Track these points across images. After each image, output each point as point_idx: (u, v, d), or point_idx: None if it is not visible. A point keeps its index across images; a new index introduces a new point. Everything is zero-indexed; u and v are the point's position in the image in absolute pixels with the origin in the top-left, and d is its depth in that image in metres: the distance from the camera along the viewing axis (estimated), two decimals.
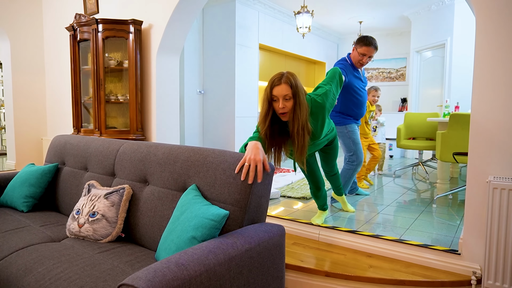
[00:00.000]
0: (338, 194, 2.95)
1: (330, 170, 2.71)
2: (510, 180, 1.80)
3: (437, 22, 6.00)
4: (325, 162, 2.66)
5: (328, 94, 2.11)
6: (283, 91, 1.82)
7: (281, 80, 1.83)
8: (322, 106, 2.06)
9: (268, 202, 1.53)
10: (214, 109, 5.92)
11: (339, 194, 2.95)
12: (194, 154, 1.61)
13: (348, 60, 3.06)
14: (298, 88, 1.86)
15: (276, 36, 6.57)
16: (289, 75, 1.86)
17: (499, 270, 1.83)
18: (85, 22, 3.71)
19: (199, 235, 1.26)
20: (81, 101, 3.98)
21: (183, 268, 0.99)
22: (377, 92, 4.23)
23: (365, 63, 3.02)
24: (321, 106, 2.05)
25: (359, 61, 3.00)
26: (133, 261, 1.45)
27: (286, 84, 1.82)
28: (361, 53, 2.96)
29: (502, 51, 1.84)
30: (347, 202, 3.02)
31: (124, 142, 2.08)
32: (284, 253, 1.42)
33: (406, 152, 6.72)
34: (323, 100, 2.07)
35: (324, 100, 2.07)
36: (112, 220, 1.71)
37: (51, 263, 1.41)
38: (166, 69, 3.74)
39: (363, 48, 2.95)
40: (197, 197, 1.42)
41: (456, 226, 2.61)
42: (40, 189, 2.35)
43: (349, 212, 2.98)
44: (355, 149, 3.06)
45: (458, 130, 3.14)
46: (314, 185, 2.60)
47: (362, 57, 2.97)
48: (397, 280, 1.98)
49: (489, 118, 1.90)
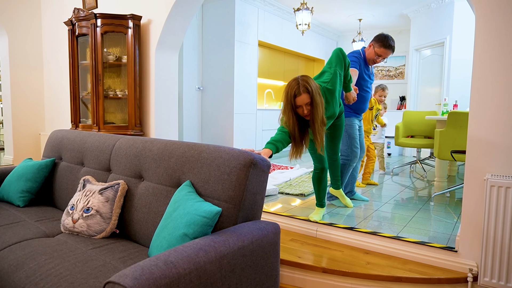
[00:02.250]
0: (336, 187, 2.95)
1: (334, 153, 2.76)
2: (507, 178, 1.80)
3: (436, 21, 5.98)
4: (330, 141, 2.71)
5: (334, 78, 2.31)
6: (305, 100, 2.07)
7: (300, 90, 2.06)
8: (333, 91, 2.29)
9: (264, 199, 1.51)
10: (213, 106, 5.91)
11: (336, 187, 2.95)
12: (189, 150, 1.59)
13: (362, 54, 3.02)
14: (314, 92, 2.08)
15: (275, 33, 6.54)
16: (305, 83, 2.07)
17: (495, 268, 1.83)
18: (84, 16, 3.69)
19: (191, 232, 1.25)
20: (79, 96, 3.96)
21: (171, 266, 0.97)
22: (384, 91, 4.17)
23: (378, 62, 3.00)
24: (332, 91, 2.29)
25: (373, 59, 2.97)
26: (125, 258, 1.44)
27: (306, 93, 2.06)
28: (378, 54, 2.92)
29: (502, 50, 1.83)
30: (345, 196, 3.02)
31: (120, 137, 2.07)
32: (278, 251, 1.41)
33: (404, 150, 6.72)
34: (333, 85, 2.30)
35: (333, 85, 2.30)
36: (106, 216, 1.70)
37: (43, 259, 1.40)
38: (165, 65, 3.72)
39: (381, 49, 2.90)
40: (191, 194, 1.41)
41: (453, 223, 2.61)
42: (36, 184, 2.34)
43: (347, 208, 2.98)
44: (349, 144, 3.02)
45: (456, 128, 3.13)
46: (320, 164, 2.63)
47: (377, 58, 2.95)
48: (394, 277, 1.98)
49: (488, 117, 1.89)
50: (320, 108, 2.10)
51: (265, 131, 6.40)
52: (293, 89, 2.07)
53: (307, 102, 2.07)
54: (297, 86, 2.06)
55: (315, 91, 2.09)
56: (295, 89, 2.06)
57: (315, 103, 2.08)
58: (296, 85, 2.07)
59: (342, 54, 2.38)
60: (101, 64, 3.61)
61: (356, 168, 3.27)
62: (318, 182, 2.71)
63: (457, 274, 1.98)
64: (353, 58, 2.97)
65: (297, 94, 2.06)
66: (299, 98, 2.06)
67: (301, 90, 2.05)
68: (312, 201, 3.24)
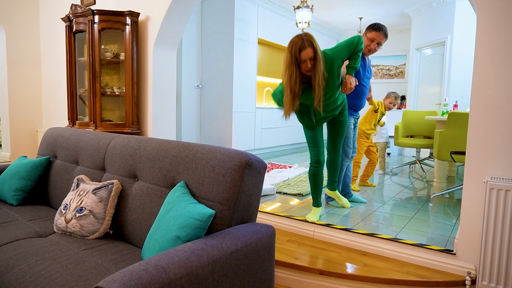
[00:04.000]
0: (332, 188, 2.93)
1: (335, 151, 2.74)
2: (507, 180, 1.77)
3: (437, 20, 5.94)
4: (332, 138, 2.72)
5: (337, 48, 2.39)
6: (309, 54, 2.20)
7: (306, 45, 2.19)
8: (331, 57, 2.35)
9: (259, 201, 1.48)
10: (212, 104, 5.88)
11: (332, 188, 2.93)
12: (183, 150, 1.56)
13: None
14: (317, 47, 2.23)
15: (275, 31, 6.50)
16: (309, 38, 2.22)
17: (494, 271, 1.81)
18: (81, 13, 3.65)
19: (184, 235, 1.22)
20: (76, 93, 3.93)
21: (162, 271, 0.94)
22: (396, 100, 4.02)
23: (373, 49, 2.96)
24: (330, 57, 2.35)
25: (367, 46, 2.95)
26: (118, 260, 1.41)
27: (310, 47, 2.19)
28: (370, 38, 2.93)
29: (504, 50, 1.80)
30: (341, 196, 2.99)
31: (115, 136, 2.04)
32: (273, 255, 1.38)
33: (404, 150, 6.69)
34: (332, 53, 2.36)
35: (333, 53, 2.36)
36: (100, 216, 1.67)
37: (34, 260, 1.37)
38: (163, 62, 3.69)
39: (372, 33, 2.93)
40: (184, 195, 1.38)
41: (452, 225, 2.59)
42: (30, 182, 2.31)
43: (345, 208, 2.95)
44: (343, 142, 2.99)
45: (456, 129, 3.11)
46: (316, 155, 2.63)
47: (370, 43, 2.93)
48: (391, 280, 1.96)
49: (488, 118, 1.86)
50: (321, 63, 2.24)
51: (264, 130, 6.37)
52: (297, 45, 2.20)
53: (311, 57, 2.20)
54: (302, 41, 2.19)
55: (318, 47, 2.23)
56: (299, 44, 2.20)
57: (318, 57, 2.21)
58: (300, 41, 2.20)
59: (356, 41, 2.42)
60: (98, 61, 3.57)
61: (349, 167, 3.23)
62: (314, 178, 2.69)
63: (455, 277, 1.96)
64: None
65: (302, 48, 2.19)
66: (304, 52, 2.19)
67: (306, 44, 2.19)
68: (310, 201, 3.22)
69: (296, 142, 7.37)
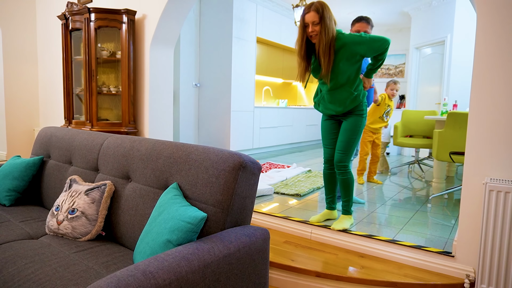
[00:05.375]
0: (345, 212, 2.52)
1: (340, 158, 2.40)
2: (507, 182, 1.74)
3: (437, 19, 5.91)
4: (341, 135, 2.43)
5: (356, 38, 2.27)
6: (312, 18, 2.21)
7: (310, 8, 2.23)
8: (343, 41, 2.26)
9: (254, 203, 1.45)
10: (210, 103, 5.84)
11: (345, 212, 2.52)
12: (177, 151, 1.53)
13: None
14: (324, 14, 2.21)
15: (274, 30, 6.47)
16: (318, 4, 2.23)
17: (493, 274, 1.78)
18: (77, 11, 3.61)
19: (175, 239, 1.19)
20: (72, 92, 3.89)
21: (150, 276, 0.91)
22: (396, 85, 3.95)
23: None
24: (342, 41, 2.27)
25: None
26: (109, 263, 1.38)
27: (314, 12, 2.21)
28: (355, 31, 2.99)
29: (504, 49, 1.77)
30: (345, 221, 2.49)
31: (109, 135, 2.00)
32: (267, 258, 1.35)
33: (403, 150, 6.67)
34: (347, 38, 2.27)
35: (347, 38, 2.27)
36: (92, 218, 1.64)
37: (23, 263, 1.34)
38: (160, 61, 3.66)
39: (355, 25, 3.01)
40: (177, 197, 1.35)
41: (451, 226, 2.56)
42: (23, 182, 2.28)
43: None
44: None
45: (455, 129, 3.08)
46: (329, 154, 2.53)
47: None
48: (389, 282, 1.94)
49: (488, 118, 1.83)
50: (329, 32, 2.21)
51: (262, 129, 6.34)
52: (305, 8, 2.27)
53: (314, 21, 2.21)
54: (309, 5, 2.24)
55: (326, 14, 2.21)
56: (306, 6, 2.25)
57: (323, 24, 2.20)
58: (309, 4, 2.25)
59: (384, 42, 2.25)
60: (94, 60, 3.54)
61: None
62: (328, 180, 2.57)
63: (453, 280, 1.93)
64: None
65: (306, 11, 2.24)
66: (308, 15, 2.22)
67: (311, 8, 2.22)
68: (308, 201, 3.19)
69: (295, 142, 7.34)
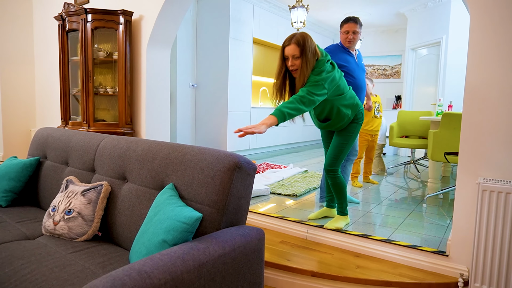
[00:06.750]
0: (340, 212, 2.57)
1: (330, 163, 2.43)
2: (500, 182, 1.76)
3: (433, 20, 5.94)
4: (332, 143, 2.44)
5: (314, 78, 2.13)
6: (292, 51, 2.10)
7: (291, 41, 2.10)
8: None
9: (249, 203, 1.47)
10: (207, 103, 5.85)
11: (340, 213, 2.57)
12: (173, 151, 1.54)
13: (340, 44, 3.08)
14: (306, 47, 2.08)
15: (270, 31, 6.48)
16: (299, 36, 2.10)
17: (486, 273, 1.80)
18: (74, 11, 3.61)
19: (170, 239, 1.20)
20: (69, 93, 3.89)
21: (145, 276, 0.92)
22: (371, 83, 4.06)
23: (352, 39, 2.99)
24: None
25: (346, 39, 3.02)
26: (105, 263, 1.39)
27: (295, 45, 2.09)
28: (344, 31, 3.01)
29: (497, 50, 1.79)
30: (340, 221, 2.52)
31: (105, 136, 2.01)
32: (263, 258, 1.36)
33: (399, 150, 6.70)
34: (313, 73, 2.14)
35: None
36: (89, 218, 1.65)
37: (20, 263, 1.35)
38: (157, 62, 3.66)
39: (344, 26, 3.02)
40: (172, 198, 1.36)
41: (446, 226, 2.58)
42: (20, 183, 2.28)
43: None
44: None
45: (450, 130, 3.10)
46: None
47: (346, 35, 3.01)
48: (384, 282, 1.95)
49: (481, 118, 1.85)
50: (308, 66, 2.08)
51: None
52: (285, 39, 2.14)
53: (294, 55, 2.09)
54: (291, 37, 2.12)
55: (308, 48, 2.08)
56: (287, 38, 2.13)
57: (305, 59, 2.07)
58: (290, 36, 2.13)
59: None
60: (91, 60, 3.54)
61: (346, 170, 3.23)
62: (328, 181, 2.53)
63: (447, 279, 1.95)
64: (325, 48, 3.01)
65: (286, 44, 2.12)
66: (288, 47, 2.11)
67: (292, 41, 2.10)
68: (304, 201, 3.20)
69: (292, 142, 7.36)
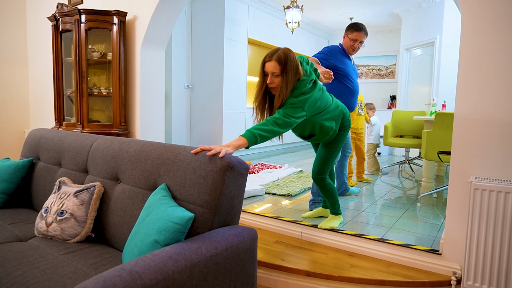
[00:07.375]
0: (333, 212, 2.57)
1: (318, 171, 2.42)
2: (491, 181, 1.78)
3: (427, 20, 5.98)
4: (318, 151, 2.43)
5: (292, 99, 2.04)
6: (272, 68, 1.96)
7: (272, 57, 1.96)
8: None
9: (242, 203, 1.47)
10: (202, 104, 5.84)
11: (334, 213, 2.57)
12: (165, 152, 1.54)
13: (340, 46, 3.09)
14: (287, 67, 1.95)
15: (265, 31, 6.49)
16: (282, 53, 1.96)
17: (479, 271, 1.81)
18: (68, 12, 3.60)
19: (162, 239, 1.19)
20: (63, 94, 3.87)
21: (136, 276, 0.92)
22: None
23: (357, 48, 3.05)
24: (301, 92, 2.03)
25: (351, 46, 3.03)
26: (98, 264, 1.38)
27: (276, 62, 1.95)
28: (352, 39, 3.02)
29: (487, 51, 1.80)
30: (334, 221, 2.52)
31: (98, 137, 2.01)
32: (255, 258, 1.36)
33: (394, 150, 6.73)
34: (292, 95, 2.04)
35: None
36: (81, 220, 1.64)
37: (11, 265, 1.34)
38: (151, 62, 3.65)
39: (354, 33, 3.01)
40: (165, 198, 1.36)
41: (439, 225, 2.59)
42: (12, 184, 2.27)
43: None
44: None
45: (443, 129, 3.12)
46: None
47: (353, 43, 3.02)
48: (378, 280, 1.96)
49: (473, 118, 1.86)
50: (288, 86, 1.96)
51: None
52: (267, 53, 2.00)
53: (274, 72, 1.95)
54: (272, 53, 1.98)
55: (289, 67, 1.94)
56: (268, 53, 2.00)
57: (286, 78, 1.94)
58: (272, 51, 1.99)
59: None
60: (85, 61, 3.53)
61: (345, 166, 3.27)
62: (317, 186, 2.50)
63: (440, 277, 1.96)
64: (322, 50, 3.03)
65: (267, 59, 1.98)
66: (268, 64, 1.97)
67: (273, 57, 1.95)
68: (299, 201, 3.21)
69: (287, 142, 7.37)
